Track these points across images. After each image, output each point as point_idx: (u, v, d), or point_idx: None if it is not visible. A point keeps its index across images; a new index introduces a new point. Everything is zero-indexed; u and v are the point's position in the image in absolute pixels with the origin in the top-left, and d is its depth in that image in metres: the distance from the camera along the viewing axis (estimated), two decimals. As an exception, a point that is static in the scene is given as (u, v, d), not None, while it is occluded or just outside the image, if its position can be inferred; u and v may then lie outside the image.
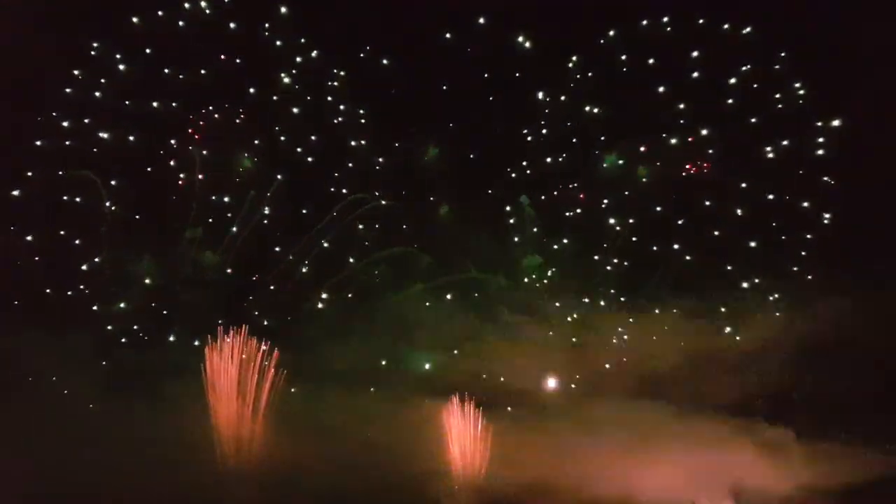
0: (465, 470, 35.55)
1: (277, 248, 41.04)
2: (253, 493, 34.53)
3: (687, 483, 34.23)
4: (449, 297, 40.93)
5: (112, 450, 33.37)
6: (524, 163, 41.40)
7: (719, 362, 37.93)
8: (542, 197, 41.18)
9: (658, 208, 39.94)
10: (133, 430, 34.30)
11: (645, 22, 38.74)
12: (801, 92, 37.38)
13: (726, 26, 38.01)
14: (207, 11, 39.57)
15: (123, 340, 38.82)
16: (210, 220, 40.13)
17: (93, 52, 38.68)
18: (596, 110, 40.25)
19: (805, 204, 37.90)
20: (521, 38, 40.06)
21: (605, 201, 40.67)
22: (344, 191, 41.22)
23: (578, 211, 41.13)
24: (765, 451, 34.93)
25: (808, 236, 37.99)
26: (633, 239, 40.25)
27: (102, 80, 38.81)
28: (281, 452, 34.80)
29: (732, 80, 38.51)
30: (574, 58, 40.08)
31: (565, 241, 41.03)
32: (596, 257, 40.68)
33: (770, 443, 35.31)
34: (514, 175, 41.58)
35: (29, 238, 37.94)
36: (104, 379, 37.00)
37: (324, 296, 40.71)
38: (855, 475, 32.87)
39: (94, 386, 36.61)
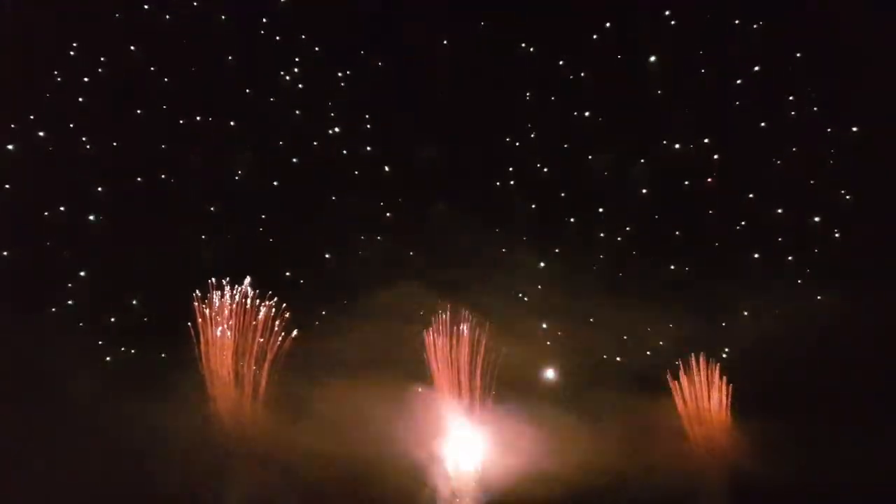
0: (460, 459, 36.08)
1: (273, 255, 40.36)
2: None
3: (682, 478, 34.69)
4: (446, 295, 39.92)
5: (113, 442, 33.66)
6: (522, 167, 40.63)
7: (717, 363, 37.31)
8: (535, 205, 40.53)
9: (656, 216, 39.18)
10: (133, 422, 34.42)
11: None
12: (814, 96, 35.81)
13: (737, 21, 36.39)
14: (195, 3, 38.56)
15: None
16: (204, 227, 39.81)
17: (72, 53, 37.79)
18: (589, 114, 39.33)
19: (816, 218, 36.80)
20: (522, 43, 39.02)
21: (601, 209, 40.08)
22: (335, 198, 40.72)
23: (573, 220, 40.49)
24: (759, 447, 35.05)
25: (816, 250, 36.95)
26: (634, 253, 39.64)
27: (86, 80, 37.96)
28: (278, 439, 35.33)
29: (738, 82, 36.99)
30: (569, 58, 38.95)
31: (564, 245, 40.52)
32: (594, 267, 40.21)
33: (764, 439, 35.17)
34: (510, 180, 40.93)
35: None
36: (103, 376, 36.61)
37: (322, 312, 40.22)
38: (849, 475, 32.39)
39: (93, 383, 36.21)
